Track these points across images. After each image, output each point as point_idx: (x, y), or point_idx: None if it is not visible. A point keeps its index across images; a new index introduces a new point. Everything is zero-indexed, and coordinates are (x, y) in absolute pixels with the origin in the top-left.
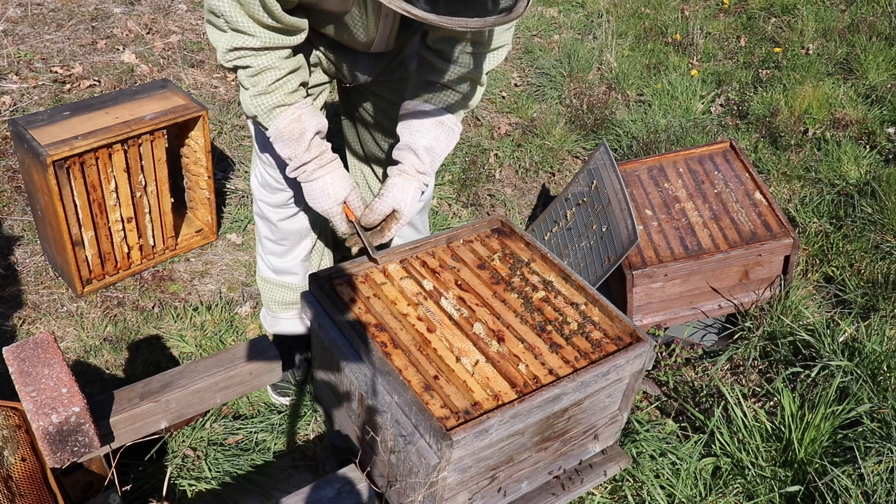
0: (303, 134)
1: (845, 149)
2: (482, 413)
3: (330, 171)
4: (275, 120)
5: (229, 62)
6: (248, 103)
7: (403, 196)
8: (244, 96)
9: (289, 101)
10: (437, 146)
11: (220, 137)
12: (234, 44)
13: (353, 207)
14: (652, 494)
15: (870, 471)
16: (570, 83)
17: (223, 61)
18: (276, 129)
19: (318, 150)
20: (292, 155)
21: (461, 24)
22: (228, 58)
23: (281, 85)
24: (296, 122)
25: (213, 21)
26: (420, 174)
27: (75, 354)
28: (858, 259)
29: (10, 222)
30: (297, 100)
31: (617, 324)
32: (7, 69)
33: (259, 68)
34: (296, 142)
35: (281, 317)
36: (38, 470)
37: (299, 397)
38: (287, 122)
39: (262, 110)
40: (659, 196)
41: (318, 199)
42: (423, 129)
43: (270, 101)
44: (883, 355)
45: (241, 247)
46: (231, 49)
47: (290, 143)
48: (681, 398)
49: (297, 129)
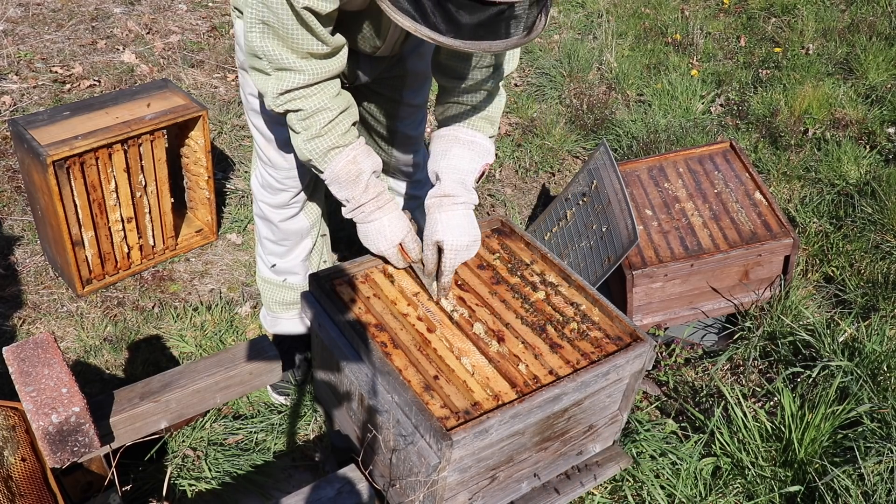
0: (359, 175)
1: (845, 149)
2: (482, 413)
3: (387, 212)
4: (330, 163)
5: (280, 106)
6: (302, 147)
7: (441, 228)
8: (297, 141)
9: (343, 142)
10: (459, 164)
11: (220, 137)
12: (282, 86)
13: (407, 249)
14: (652, 494)
15: (870, 471)
16: (570, 83)
17: (273, 107)
18: (331, 171)
19: (375, 192)
20: (350, 197)
21: (484, 47)
22: (279, 102)
23: (334, 126)
24: (352, 163)
25: (255, 65)
26: (446, 197)
27: (75, 354)
28: (858, 259)
29: (10, 222)
30: (350, 140)
31: (617, 324)
32: (7, 69)
33: (311, 111)
34: (353, 184)
35: (281, 317)
36: (38, 470)
37: (299, 397)
38: (343, 164)
39: (317, 154)
40: (659, 196)
41: (374, 240)
42: (439, 151)
43: (325, 144)
44: (883, 355)
45: (241, 247)
46: (281, 93)
47: (347, 186)
48: (681, 398)
49: (353, 170)
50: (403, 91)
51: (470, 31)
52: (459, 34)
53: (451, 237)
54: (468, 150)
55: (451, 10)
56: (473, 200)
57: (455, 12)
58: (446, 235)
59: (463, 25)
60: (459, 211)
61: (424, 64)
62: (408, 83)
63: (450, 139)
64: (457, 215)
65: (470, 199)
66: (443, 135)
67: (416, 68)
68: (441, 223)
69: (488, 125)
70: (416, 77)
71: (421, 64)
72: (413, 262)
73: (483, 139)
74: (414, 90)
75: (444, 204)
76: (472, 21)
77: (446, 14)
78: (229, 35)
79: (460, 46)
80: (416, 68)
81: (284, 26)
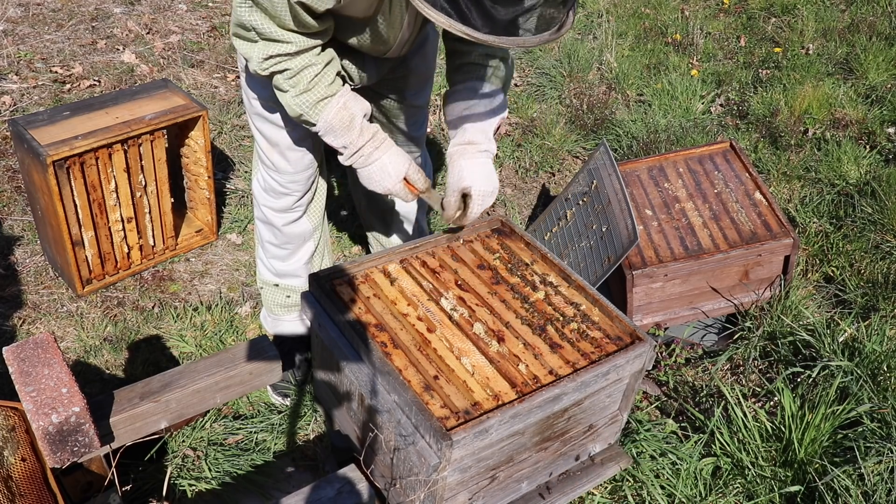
0: (352, 120)
1: (845, 149)
2: (482, 413)
3: (386, 150)
4: (321, 113)
5: (265, 70)
6: (291, 103)
7: (468, 174)
8: (285, 98)
9: (331, 91)
10: (475, 109)
11: (220, 137)
12: (268, 52)
13: (413, 181)
14: (652, 494)
15: (870, 471)
16: (570, 83)
17: (258, 70)
18: (324, 121)
19: (370, 133)
20: (347, 143)
21: (518, 42)
22: (264, 66)
23: (320, 79)
24: (343, 109)
25: (241, 34)
26: (470, 145)
27: (75, 354)
28: (858, 259)
29: (10, 222)
30: (337, 89)
31: (617, 324)
32: (7, 69)
33: (297, 69)
34: (347, 129)
35: (283, 319)
36: (38, 470)
37: (299, 397)
38: (334, 112)
39: (307, 107)
40: (659, 196)
41: (379, 180)
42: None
43: (313, 97)
44: (883, 355)
45: (241, 247)
46: (266, 57)
47: (342, 132)
48: (681, 398)
49: (345, 116)
50: (406, 92)
51: (504, 27)
52: (494, 30)
53: (478, 184)
54: (487, 102)
55: (487, 6)
56: (493, 149)
57: (491, 8)
58: (474, 182)
59: (497, 21)
60: (482, 158)
61: (427, 65)
62: (410, 84)
63: (469, 90)
64: (480, 162)
65: (491, 148)
66: (460, 88)
67: (419, 69)
68: (467, 170)
69: (500, 83)
70: (419, 77)
71: (423, 65)
72: (420, 192)
73: (499, 93)
74: (416, 91)
75: (467, 152)
76: (506, 17)
77: (482, 10)
78: (229, 35)
79: (495, 41)
80: (419, 69)
81: (274, 6)
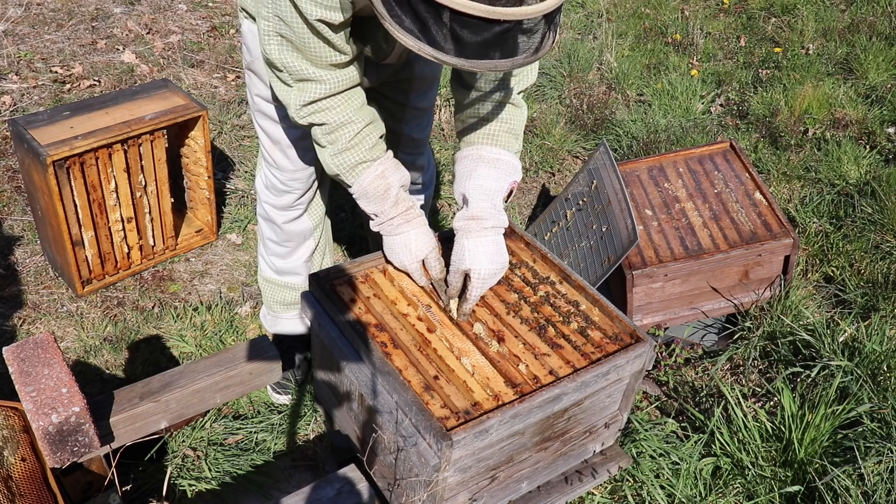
0: (388, 190)
1: (845, 149)
2: (482, 413)
3: (415, 226)
4: (359, 177)
5: (304, 118)
6: (329, 162)
7: (469, 255)
8: (323, 155)
9: (371, 156)
10: (486, 184)
11: (220, 137)
12: (305, 98)
13: (429, 266)
14: (652, 494)
15: (870, 471)
16: (570, 83)
17: (297, 118)
18: (360, 186)
19: (404, 206)
20: (378, 211)
21: (490, 66)
22: (302, 114)
23: (360, 140)
24: (380, 178)
25: (277, 76)
26: (474, 220)
27: (75, 354)
28: (858, 259)
29: (10, 222)
30: (378, 154)
31: (617, 324)
32: (7, 69)
33: (335, 124)
34: (382, 198)
35: (282, 317)
36: (38, 470)
37: (299, 397)
38: (371, 178)
39: (345, 168)
40: (659, 196)
41: (398, 254)
42: (465, 172)
43: (353, 159)
44: (883, 355)
45: (241, 247)
46: (304, 104)
47: (376, 200)
48: (681, 398)
49: (382, 185)
50: (410, 95)
51: (475, 50)
52: (464, 53)
53: (478, 265)
54: (494, 169)
55: (456, 29)
56: (503, 223)
57: (460, 31)
58: (474, 264)
59: (467, 44)
60: (489, 237)
61: (431, 68)
62: (414, 87)
63: (474, 158)
64: (485, 241)
65: (500, 222)
66: (466, 155)
67: (424, 73)
68: (468, 250)
69: (513, 139)
70: (424, 81)
71: (428, 68)
72: (433, 280)
73: (509, 156)
74: (421, 94)
75: (472, 229)
76: (476, 39)
77: (451, 33)
78: (229, 35)
79: (465, 65)
80: (424, 73)
81: (300, 38)
